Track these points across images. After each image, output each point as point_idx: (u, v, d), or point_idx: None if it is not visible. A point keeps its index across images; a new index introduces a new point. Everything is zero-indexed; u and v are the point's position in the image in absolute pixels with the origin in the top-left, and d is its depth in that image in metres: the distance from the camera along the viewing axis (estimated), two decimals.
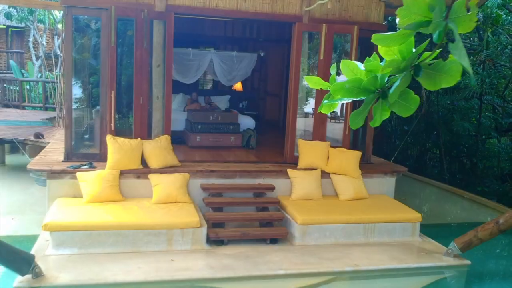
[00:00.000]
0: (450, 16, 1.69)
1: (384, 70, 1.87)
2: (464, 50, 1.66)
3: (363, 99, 1.98)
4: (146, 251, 5.96)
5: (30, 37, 18.27)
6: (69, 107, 7.28)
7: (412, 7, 1.68)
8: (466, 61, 1.67)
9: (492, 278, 6.34)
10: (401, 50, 1.83)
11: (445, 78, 1.86)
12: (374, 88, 1.94)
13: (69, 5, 6.93)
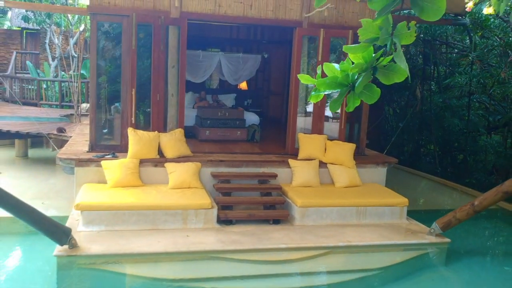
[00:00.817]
0: (395, 33, 2.48)
1: (352, 70, 2.64)
2: (403, 57, 2.45)
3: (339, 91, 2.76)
4: (164, 228, 6.75)
5: (46, 38, 19.08)
6: (94, 103, 8.09)
7: (368, 28, 2.47)
8: (404, 64, 2.46)
9: (468, 253, 7.08)
10: (364, 56, 2.60)
11: (395, 76, 2.63)
12: (346, 83, 2.72)
13: (95, 12, 7.73)
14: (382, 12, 2.38)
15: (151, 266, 5.89)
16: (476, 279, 6.27)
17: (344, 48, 2.54)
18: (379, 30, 2.44)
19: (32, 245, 6.69)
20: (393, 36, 2.47)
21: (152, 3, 7.87)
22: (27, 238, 6.94)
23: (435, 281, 6.27)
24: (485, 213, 9.05)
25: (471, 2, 3.60)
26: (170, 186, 7.49)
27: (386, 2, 2.36)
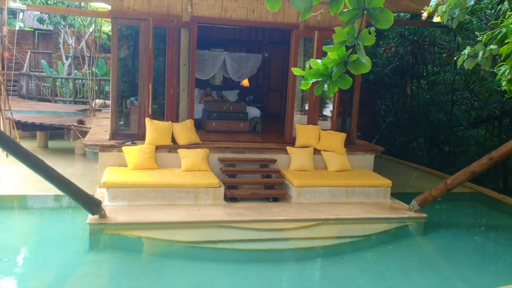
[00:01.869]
0: (359, 37, 3.43)
1: (330, 64, 3.59)
2: (364, 54, 3.41)
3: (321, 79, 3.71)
4: (178, 204, 7.73)
5: (60, 39, 20.06)
6: (114, 97, 9.07)
7: (340, 33, 3.42)
8: (365, 60, 3.41)
9: (444, 226, 8.03)
10: (338, 53, 3.53)
11: (361, 68, 3.57)
12: (326, 73, 3.66)
13: (116, 16, 8.70)
14: (349, 22, 3.33)
15: (169, 232, 6.86)
16: (448, 246, 7.22)
17: (324, 48, 3.49)
18: (347, 35, 3.40)
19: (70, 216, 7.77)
20: (357, 39, 3.42)
21: (166, 8, 8.84)
22: (66, 211, 8.03)
23: (412, 246, 7.27)
24: (463, 196, 10.07)
25: (426, 12, 4.53)
26: (182, 169, 8.47)
27: (352, 15, 3.31)
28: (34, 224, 7.48)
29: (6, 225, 7.29)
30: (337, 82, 3.72)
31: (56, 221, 7.65)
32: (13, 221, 7.66)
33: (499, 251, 7.43)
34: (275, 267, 6.16)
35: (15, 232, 7.02)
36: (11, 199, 8.46)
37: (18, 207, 8.36)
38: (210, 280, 5.48)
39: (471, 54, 4.10)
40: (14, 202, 8.40)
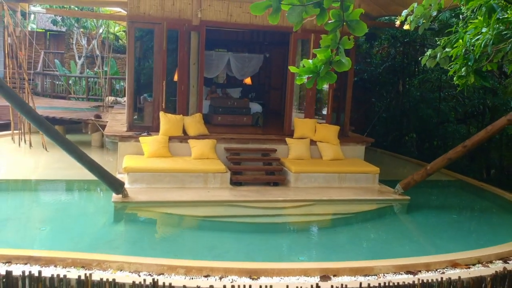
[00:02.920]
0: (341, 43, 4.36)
1: (319, 63, 4.51)
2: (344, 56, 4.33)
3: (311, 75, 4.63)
4: (190, 187, 8.68)
5: (73, 39, 21.00)
6: (131, 93, 10.02)
7: (325, 39, 4.35)
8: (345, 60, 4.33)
9: (425, 207, 8.93)
10: (325, 55, 4.46)
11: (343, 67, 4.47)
12: (316, 71, 4.58)
13: (133, 20, 9.64)
14: (332, 31, 4.26)
15: (182, 209, 7.82)
16: (427, 222, 8.15)
17: (314, 51, 4.42)
18: (331, 41, 4.33)
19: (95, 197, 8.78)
20: (339, 44, 4.35)
21: (178, 13, 9.78)
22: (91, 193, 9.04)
23: (395, 222, 8.24)
24: (446, 183, 11.01)
25: (398, 21, 5.44)
26: (192, 157, 9.41)
27: (334, 26, 4.23)
28: (64, 203, 8.46)
29: (40, 203, 8.27)
30: (324, 78, 4.63)
31: (84, 200, 8.65)
32: (46, 200, 8.63)
33: (470, 226, 8.38)
34: (275, 236, 7.13)
35: (48, 209, 7.98)
36: (42, 182, 9.42)
37: (48, 189, 9.30)
38: (219, 244, 6.42)
39: (433, 55, 5.02)
40: (45, 185, 9.36)
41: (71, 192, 9.21)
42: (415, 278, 5.32)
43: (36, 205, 8.22)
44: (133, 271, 5.25)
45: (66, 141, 6.86)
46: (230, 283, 4.88)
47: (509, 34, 4.90)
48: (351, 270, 5.45)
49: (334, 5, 3.70)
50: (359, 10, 3.69)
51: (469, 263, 6.01)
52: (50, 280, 4.90)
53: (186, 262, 5.35)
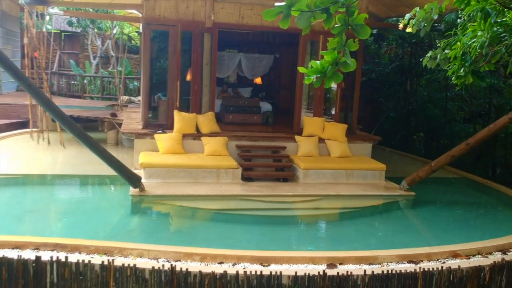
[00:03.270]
0: (346, 45, 4.68)
1: (326, 64, 4.83)
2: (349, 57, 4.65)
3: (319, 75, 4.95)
4: (203, 182, 9.03)
5: (88, 40, 21.51)
6: (146, 92, 10.40)
7: (332, 42, 4.67)
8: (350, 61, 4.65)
9: (430, 203, 9.17)
10: (331, 56, 4.78)
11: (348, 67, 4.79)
12: (323, 71, 4.90)
13: (148, 22, 10.03)
14: (338, 34, 4.58)
15: (196, 202, 8.17)
16: (431, 216, 8.41)
17: (321, 53, 4.74)
18: (337, 43, 4.65)
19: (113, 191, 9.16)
20: (345, 46, 4.67)
21: (192, 16, 10.14)
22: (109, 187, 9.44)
23: (400, 216, 8.53)
24: (451, 180, 11.25)
25: (402, 24, 5.75)
26: (205, 154, 9.77)
27: (340, 30, 4.55)
28: (84, 196, 8.89)
29: (61, 196, 8.68)
30: (331, 78, 4.93)
31: (102, 194, 9.06)
32: (66, 193, 9.05)
33: (473, 220, 8.63)
34: (285, 228, 7.47)
35: (69, 201, 8.38)
36: (62, 177, 9.84)
37: (68, 184, 9.70)
38: (231, 235, 6.77)
39: (433, 56, 5.30)
40: (65, 180, 9.77)
41: (90, 186, 9.63)
42: (417, 267, 5.63)
43: (57, 198, 8.64)
44: (152, 258, 5.62)
45: (88, 137, 7.24)
46: (243, 269, 5.23)
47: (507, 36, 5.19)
48: (356, 258, 5.77)
49: (340, 10, 4.00)
50: (363, 15, 3.97)
51: (469, 254, 6.29)
52: (75, 265, 5.28)
53: (201, 250, 5.71)
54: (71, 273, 5.27)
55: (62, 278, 5.27)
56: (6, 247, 5.58)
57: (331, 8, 3.94)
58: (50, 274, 5.28)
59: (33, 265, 5.27)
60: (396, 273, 5.52)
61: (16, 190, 8.96)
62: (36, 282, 5.27)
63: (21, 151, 11.81)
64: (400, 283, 5.54)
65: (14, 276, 5.26)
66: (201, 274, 5.18)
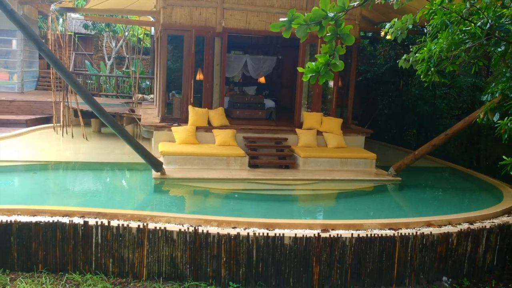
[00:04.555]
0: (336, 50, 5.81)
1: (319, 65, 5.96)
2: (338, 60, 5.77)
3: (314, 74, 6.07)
4: (215, 168, 10.17)
5: (103, 42, 22.67)
6: (164, 90, 11.55)
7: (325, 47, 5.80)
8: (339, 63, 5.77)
9: (415, 186, 10.30)
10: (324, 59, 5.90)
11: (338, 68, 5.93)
12: (317, 70, 6.03)
13: (166, 28, 11.16)
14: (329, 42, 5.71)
15: (210, 184, 9.32)
16: (414, 197, 9.54)
17: (315, 56, 5.85)
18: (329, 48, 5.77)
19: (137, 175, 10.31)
20: (334, 51, 5.78)
21: (204, 22, 11.27)
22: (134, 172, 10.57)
23: (387, 196, 9.67)
24: (436, 169, 12.36)
25: (383, 32, 6.84)
26: (216, 144, 10.91)
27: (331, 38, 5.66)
28: (111, 179, 10.06)
29: (89, 179, 9.84)
30: (324, 76, 6.04)
31: (127, 177, 10.26)
32: (94, 177, 10.20)
33: (451, 200, 9.72)
34: (286, 204, 8.63)
35: (98, 183, 9.54)
36: (88, 164, 10.98)
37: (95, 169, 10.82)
38: (241, 209, 7.91)
39: (407, 59, 6.39)
40: (91, 166, 10.91)
41: (115, 171, 10.77)
42: (396, 232, 6.76)
43: (86, 180, 9.80)
44: (177, 224, 6.75)
45: (121, 127, 8.38)
46: (252, 232, 6.37)
47: (470, 42, 6.31)
48: (345, 225, 6.89)
49: (330, 22, 5.11)
50: (348, 26, 5.07)
51: (442, 224, 7.39)
52: (116, 228, 6.42)
53: (217, 217, 6.84)
54: (113, 235, 6.41)
55: (105, 239, 6.42)
56: (57, 215, 6.69)
57: (323, 22, 5.02)
58: (95, 236, 6.42)
59: (82, 229, 6.42)
60: (378, 236, 6.66)
61: (50, 174, 10.12)
62: (84, 242, 6.42)
63: (48, 142, 12.97)
64: (381, 245, 6.67)
65: (66, 237, 6.41)
66: (219, 235, 6.33)
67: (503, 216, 7.95)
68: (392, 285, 6.74)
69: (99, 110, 7.74)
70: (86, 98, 7.64)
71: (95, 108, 7.68)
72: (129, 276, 6.41)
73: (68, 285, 6.08)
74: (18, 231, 6.35)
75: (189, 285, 6.23)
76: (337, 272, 6.53)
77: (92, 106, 7.67)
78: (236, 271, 6.36)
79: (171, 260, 6.35)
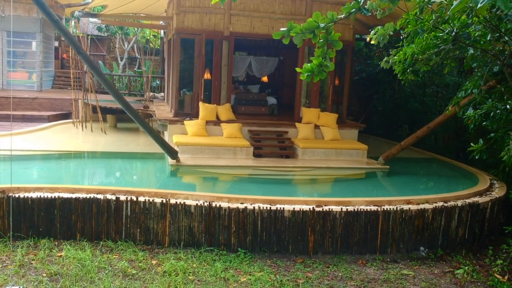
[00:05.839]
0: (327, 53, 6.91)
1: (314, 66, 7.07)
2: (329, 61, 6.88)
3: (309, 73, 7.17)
4: (223, 157, 11.28)
5: (116, 43, 23.81)
6: (177, 88, 12.67)
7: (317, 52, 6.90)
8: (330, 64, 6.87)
9: (402, 174, 11.36)
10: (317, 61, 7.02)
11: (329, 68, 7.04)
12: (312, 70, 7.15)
13: (179, 32, 12.27)
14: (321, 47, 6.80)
15: (219, 170, 10.44)
16: (400, 181, 10.62)
17: (310, 58, 6.95)
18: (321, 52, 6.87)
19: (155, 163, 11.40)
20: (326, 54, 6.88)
21: (213, 26, 12.38)
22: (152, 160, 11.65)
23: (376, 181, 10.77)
24: (422, 160, 13.44)
25: (368, 37, 7.92)
26: (224, 136, 12.01)
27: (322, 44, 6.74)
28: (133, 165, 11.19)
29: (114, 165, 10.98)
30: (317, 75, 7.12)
31: (146, 164, 11.41)
32: (118, 163, 11.34)
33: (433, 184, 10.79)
34: (286, 186, 9.76)
35: (121, 168, 10.67)
36: (110, 153, 12.11)
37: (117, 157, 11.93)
38: (247, 189, 9.01)
39: (387, 60, 7.46)
40: (112, 155, 12.04)
41: (135, 160, 11.86)
42: (379, 208, 7.86)
43: (110, 166, 10.93)
44: (194, 200, 7.86)
45: (143, 120, 9.49)
46: (257, 206, 7.48)
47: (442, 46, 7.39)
48: (336, 202, 7.98)
49: (322, 31, 6.18)
50: (337, 34, 6.14)
51: (419, 202, 8.47)
52: (143, 203, 7.54)
53: (228, 195, 7.95)
54: (140, 208, 7.53)
55: (133, 212, 7.53)
56: (93, 193, 7.81)
57: (315, 31, 6.09)
58: (125, 209, 7.54)
59: (114, 203, 7.53)
60: (364, 211, 7.76)
61: (76, 161, 11.25)
62: (116, 215, 7.53)
63: (70, 136, 14.10)
64: (366, 218, 7.78)
65: (101, 211, 7.52)
66: (229, 209, 7.45)
67: (475, 197, 9.02)
68: (376, 252, 7.84)
69: (126, 105, 8.84)
70: (115, 95, 8.73)
71: (123, 104, 8.78)
72: (153, 243, 7.52)
73: (103, 249, 7.20)
74: (61, 205, 7.46)
75: (204, 250, 7.33)
76: (329, 241, 7.63)
77: (121, 102, 8.76)
78: (244, 239, 7.47)
79: (189, 230, 7.46)
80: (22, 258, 6.63)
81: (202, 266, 6.76)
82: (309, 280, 6.63)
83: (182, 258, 7.00)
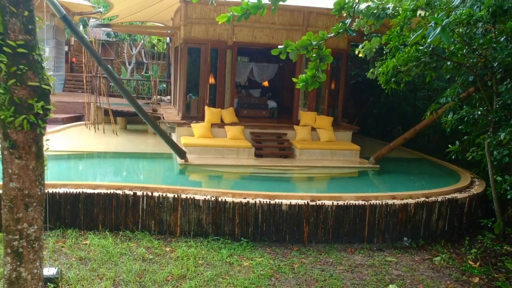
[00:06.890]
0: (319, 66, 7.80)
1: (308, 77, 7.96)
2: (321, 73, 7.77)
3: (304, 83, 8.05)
4: (227, 157, 12.16)
5: (124, 49, 24.73)
6: (184, 93, 13.56)
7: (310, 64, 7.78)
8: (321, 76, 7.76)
9: (392, 172, 12.24)
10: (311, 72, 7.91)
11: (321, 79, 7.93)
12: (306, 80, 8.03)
13: (186, 42, 13.17)
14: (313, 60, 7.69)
15: (224, 169, 11.34)
16: (390, 179, 11.50)
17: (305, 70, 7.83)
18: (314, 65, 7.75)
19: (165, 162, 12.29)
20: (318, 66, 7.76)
21: (218, 36, 13.27)
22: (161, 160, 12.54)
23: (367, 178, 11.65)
24: (413, 160, 14.31)
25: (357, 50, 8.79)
26: (228, 138, 12.91)
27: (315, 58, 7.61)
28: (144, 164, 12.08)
29: (127, 164, 11.87)
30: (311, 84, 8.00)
31: (156, 163, 12.30)
32: (130, 162, 12.24)
33: (420, 182, 11.68)
34: (285, 183, 10.67)
35: (134, 167, 11.56)
36: (122, 153, 13.01)
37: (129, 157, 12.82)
38: (250, 185, 9.92)
39: (373, 71, 8.32)
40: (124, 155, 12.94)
41: (146, 159, 12.78)
42: (366, 202, 8.74)
43: (124, 165, 11.83)
44: (202, 195, 8.75)
45: (155, 122, 10.39)
46: (258, 201, 8.37)
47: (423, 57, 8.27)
48: (328, 197, 8.85)
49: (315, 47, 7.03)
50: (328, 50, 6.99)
51: (403, 197, 9.33)
52: (157, 197, 8.42)
53: (232, 191, 8.84)
54: (154, 202, 8.41)
55: (148, 206, 8.41)
56: (112, 189, 8.70)
57: (308, 47, 6.95)
58: (141, 203, 8.42)
59: (132, 198, 8.42)
60: (353, 205, 8.64)
61: (91, 161, 12.16)
62: (133, 208, 8.42)
63: (83, 137, 15.01)
64: (355, 211, 8.65)
65: (120, 204, 8.41)
66: (233, 203, 8.33)
67: (454, 193, 9.88)
68: (364, 242, 8.71)
69: (140, 109, 9.73)
70: (130, 100, 9.62)
71: (137, 108, 9.67)
72: (166, 233, 8.40)
73: (123, 238, 8.10)
74: (84, 200, 8.35)
75: (211, 239, 8.21)
76: (322, 231, 8.51)
77: (135, 106, 9.65)
78: (246, 230, 8.35)
79: (198, 221, 8.34)
80: (54, 245, 7.52)
81: (210, 253, 7.64)
82: (303, 265, 7.51)
83: (192, 245, 7.88)
